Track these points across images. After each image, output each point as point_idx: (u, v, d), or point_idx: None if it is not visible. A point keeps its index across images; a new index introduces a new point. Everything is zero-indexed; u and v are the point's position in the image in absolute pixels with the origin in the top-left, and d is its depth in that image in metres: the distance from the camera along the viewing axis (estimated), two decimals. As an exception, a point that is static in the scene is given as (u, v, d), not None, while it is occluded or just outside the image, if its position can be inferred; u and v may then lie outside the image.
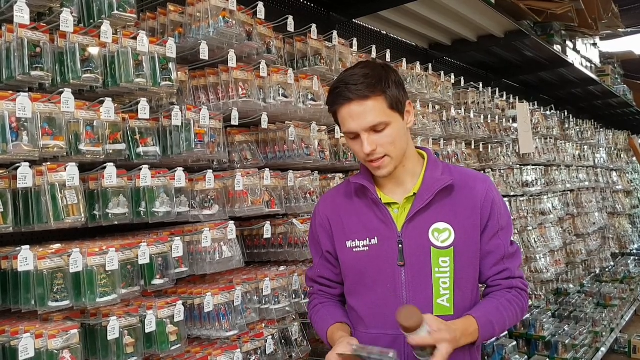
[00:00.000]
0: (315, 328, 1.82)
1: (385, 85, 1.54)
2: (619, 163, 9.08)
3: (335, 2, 3.80)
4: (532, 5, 4.90)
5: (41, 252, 1.69)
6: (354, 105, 1.53)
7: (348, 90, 1.53)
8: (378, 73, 1.56)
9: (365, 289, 1.66)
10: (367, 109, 1.53)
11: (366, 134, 1.54)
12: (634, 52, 9.31)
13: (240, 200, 2.25)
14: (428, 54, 5.22)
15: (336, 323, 1.71)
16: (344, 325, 1.71)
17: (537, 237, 5.19)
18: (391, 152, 1.57)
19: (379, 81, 1.54)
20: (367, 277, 1.65)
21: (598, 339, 5.76)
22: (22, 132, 1.63)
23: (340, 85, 1.56)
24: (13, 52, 1.68)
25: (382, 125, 1.54)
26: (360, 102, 1.53)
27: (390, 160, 1.58)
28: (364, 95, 1.52)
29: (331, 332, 1.69)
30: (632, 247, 9.25)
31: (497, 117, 4.86)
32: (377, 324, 1.64)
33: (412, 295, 1.58)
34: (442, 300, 1.59)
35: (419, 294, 1.58)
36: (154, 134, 2.06)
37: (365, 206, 1.68)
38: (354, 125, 1.55)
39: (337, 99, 1.57)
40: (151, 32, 2.38)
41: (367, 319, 1.66)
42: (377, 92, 1.53)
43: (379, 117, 1.53)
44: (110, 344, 1.77)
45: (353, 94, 1.52)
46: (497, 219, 1.66)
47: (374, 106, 1.53)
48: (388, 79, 1.56)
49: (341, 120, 1.60)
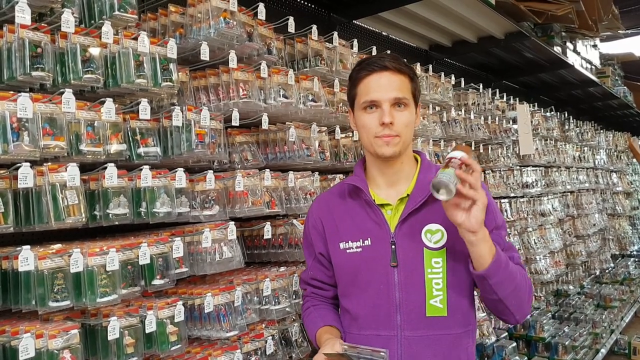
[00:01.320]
0: (306, 330, 1.83)
1: (413, 72, 1.65)
2: (619, 164, 9.08)
3: (336, 3, 3.80)
4: (532, 7, 4.90)
5: (42, 252, 1.69)
6: (387, 74, 1.59)
7: (384, 61, 1.60)
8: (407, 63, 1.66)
9: (359, 290, 1.66)
10: (397, 81, 1.59)
11: (389, 105, 1.57)
12: (634, 54, 9.32)
13: (240, 201, 2.25)
14: (428, 55, 5.22)
15: (325, 326, 1.71)
16: (333, 329, 1.71)
17: (537, 239, 5.20)
18: (403, 133, 1.60)
19: (410, 67, 1.65)
20: (360, 278, 1.64)
21: (598, 340, 5.76)
22: (23, 132, 1.63)
23: (373, 58, 1.64)
24: (14, 53, 1.68)
25: (405, 102, 1.59)
26: (394, 73, 1.59)
27: (399, 140, 1.60)
28: (398, 67, 1.60)
29: (319, 334, 1.69)
30: (632, 248, 9.25)
31: (497, 118, 4.86)
32: (370, 325, 1.63)
33: (405, 295, 1.58)
34: (435, 301, 1.59)
35: (412, 295, 1.58)
36: (155, 134, 2.07)
37: (359, 207, 1.68)
38: (379, 94, 1.58)
39: (369, 65, 1.61)
40: (152, 33, 2.38)
41: (361, 320, 1.66)
42: (408, 71, 1.63)
43: (404, 93, 1.60)
44: (111, 344, 1.77)
45: (390, 64, 1.59)
46: (492, 218, 1.65)
47: (403, 82, 1.60)
48: (414, 71, 1.67)
49: (365, 89, 1.61)
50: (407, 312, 1.57)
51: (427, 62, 4.82)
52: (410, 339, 1.58)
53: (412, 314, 1.57)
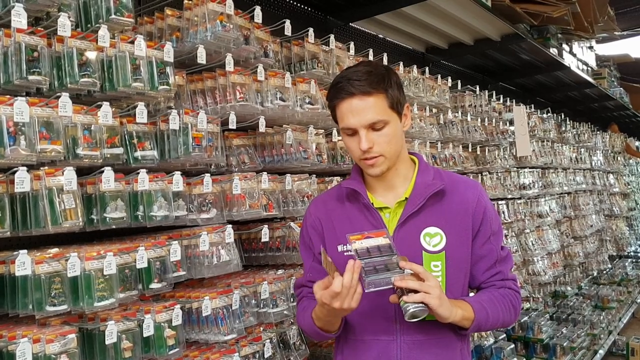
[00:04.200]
0: (301, 324, 1.75)
1: (387, 84, 1.56)
2: (616, 165, 9.11)
3: (332, 6, 3.81)
4: (528, 9, 4.91)
5: (39, 256, 1.69)
6: (356, 100, 1.54)
7: (351, 85, 1.54)
8: (381, 72, 1.57)
9: None
10: (368, 105, 1.53)
11: (365, 130, 1.54)
12: (630, 55, 9.35)
13: (238, 204, 2.25)
14: (425, 58, 5.23)
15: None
16: None
17: (535, 240, 5.20)
18: (386, 152, 1.57)
19: (382, 79, 1.55)
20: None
21: (596, 341, 5.76)
22: (20, 136, 1.63)
23: (342, 80, 1.57)
24: (10, 57, 1.68)
25: (381, 123, 1.55)
26: (362, 98, 1.53)
27: (384, 160, 1.58)
28: (366, 91, 1.53)
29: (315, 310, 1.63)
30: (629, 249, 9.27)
31: (494, 120, 4.87)
32: (368, 330, 1.62)
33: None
34: None
35: None
36: (152, 137, 2.06)
37: (357, 210, 1.67)
38: (353, 120, 1.55)
39: (338, 93, 1.57)
40: (149, 37, 2.38)
41: (358, 325, 1.65)
42: (379, 89, 1.54)
43: (379, 115, 1.54)
44: (108, 349, 1.77)
45: (356, 89, 1.53)
46: (489, 225, 1.66)
47: (375, 103, 1.54)
48: (390, 79, 1.58)
49: (340, 116, 1.59)
50: None
51: (424, 65, 4.83)
52: (409, 343, 1.58)
53: None
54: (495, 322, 1.62)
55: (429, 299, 1.40)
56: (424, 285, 1.41)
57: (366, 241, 1.48)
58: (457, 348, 1.63)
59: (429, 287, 1.41)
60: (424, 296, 1.40)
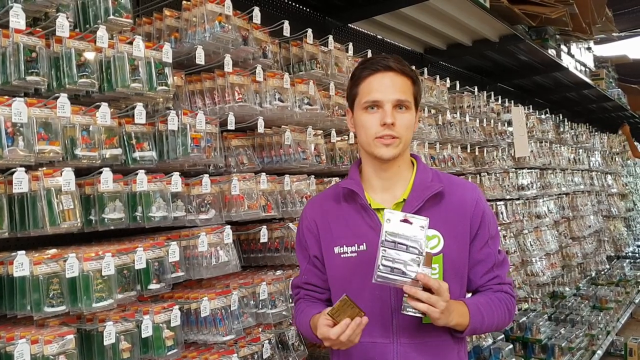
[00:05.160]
0: (299, 326, 1.76)
1: (416, 77, 1.65)
2: (614, 166, 9.13)
3: (331, 7, 3.81)
4: (527, 10, 4.92)
5: (37, 257, 1.69)
6: (391, 74, 1.58)
7: (388, 61, 1.59)
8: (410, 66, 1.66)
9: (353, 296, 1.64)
10: (401, 82, 1.59)
11: (390, 106, 1.57)
12: (627, 56, 9.37)
13: (236, 205, 2.25)
14: (423, 58, 5.24)
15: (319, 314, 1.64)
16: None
17: (533, 241, 5.21)
18: (403, 136, 1.59)
19: (413, 70, 1.65)
20: (354, 284, 1.60)
21: (594, 341, 5.77)
22: (18, 137, 1.63)
23: (377, 58, 1.63)
24: (9, 57, 1.68)
25: (407, 104, 1.59)
26: (398, 75, 1.59)
27: (399, 143, 1.59)
28: (403, 70, 1.59)
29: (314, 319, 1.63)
30: (627, 249, 9.28)
31: (492, 120, 4.88)
32: (365, 332, 1.60)
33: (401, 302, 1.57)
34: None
35: None
36: (150, 138, 2.06)
37: (354, 211, 1.66)
38: (381, 94, 1.57)
39: (373, 65, 1.60)
40: (147, 37, 2.38)
41: None
42: (411, 74, 1.62)
43: (407, 95, 1.59)
44: (107, 349, 1.76)
45: (394, 65, 1.58)
46: (487, 228, 1.66)
47: (406, 84, 1.60)
48: (417, 75, 1.66)
49: (367, 89, 1.60)
50: (403, 319, 1.55)
51: (422, 65, 4.83)
52: (406, 346, 1.57)
53: (408, 320, 1.56)
54: (490, 326, 1.63)
55: (431, 311, 1.42)
56: (431, 298, 1.42)
57: (401, 227, 1.45)
58: (454, 350, 1.63)
59: (436, 301, 1.42)
60: (428, 308, 1.42)
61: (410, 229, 1.45)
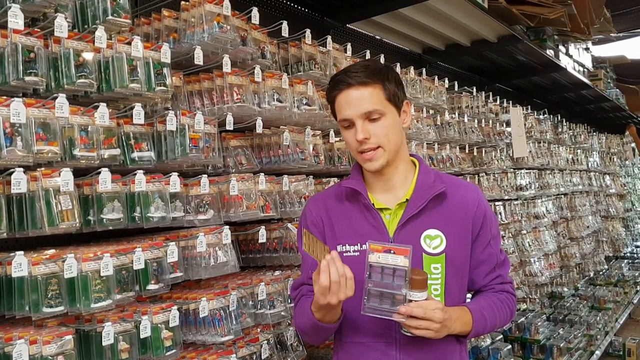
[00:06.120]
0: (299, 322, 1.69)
1: (384, 77, 1.59)
2: (612, 167, 9.13)
3: (330, 7, 3.81)
4: (525, 10, 4.93)
5: (35, 257, 1.69)
6: (352, 90, 1.56)
7: (348, 77, 1.57)
8: (378, 66, 1.62)
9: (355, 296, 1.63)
10: (364, 95, 1.56)
11: (361, 121, 1.56)
12: (626, 57, 9.38)
13: (235, 205, 2.25)
14: (422, 59, 5.24)
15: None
16: None
17: (531, 241, 5.21)
18: (384, 144, 1.58)
19: (379, 72, 1.59)
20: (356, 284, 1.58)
21: (593, 342, 5.78)
22: (16, 137, 1.63)
23: (340, 73, 1.61)
24: (7, 58, 1.68)
25: (377, 113, 1.56)
26: (359, 88, 1.56)
27: (382, 152, 1.58)
28: (363, 81, 1.56)
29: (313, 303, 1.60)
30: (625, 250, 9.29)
31: (490, 121, 4.88)
32: (368, 331, 1.61)
33: None
34: None
35: None
36: (149, 139, 2.06)
37: (357, 211, 1.66)
38: (349, 111, 1.56)
39: (336, 84, 1.60)
40: (145, 38, 2.38)
41: (358, 326, 1.63)
42: (376, 80, 1.57)
43: (375, 105, 1.56)
44: (105, 350, 1.76)
45: (353, 80, 1.56)
46: (489, 229, 1.68)
47: (371, 93, 1.56)
48: (388, 73, 1.61)
49: (338, 108, 1.61)
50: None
51: (421, 66, 4.83)
52: (408, 346, 1.57)
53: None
54: (492, 328, 1.67)
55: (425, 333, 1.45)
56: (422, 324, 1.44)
57: (385, 256, 1.46)
58: (457, 350, 1.64)
59: (428, 325, 1.44)
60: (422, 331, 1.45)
61: (394, 257, 1.46)
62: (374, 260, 1.46)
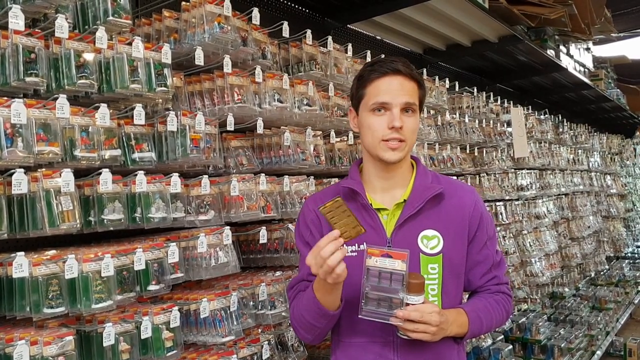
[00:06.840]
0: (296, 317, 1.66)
1: (422, 81, 1.65)
2: (613, 167, 9.13)
3: (330, 7, 3.81)
4: (526, 11, 4.93)
5: (36, 258, 1.68)
6: (399, 77, 1.58)
7: (397, 64, 1.59)
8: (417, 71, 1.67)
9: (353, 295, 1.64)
10: (408, 86, 1.59)
11: (398, 109, 1.57)
12: (626, 57, 9.38)
13: (236, 206, 2.25)
14: (422, 59, 5.24)
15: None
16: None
17: (532, 241, 5.21)
18: (408, 139, 1.60)
19: (419, 74, 1.65)
20: (354, 284, 1.58)
21: (594, 342, 5.77)
22: (17, 138, 1.63)
23: (385, 60, 1.63)
24: (8, 58, 1.68)
25: (414, 108, 1.60)
26: (406, 78, 1.59)
27: (405, 146, 1.60)
28: (410, 73, 1.60)
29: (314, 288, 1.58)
30: (626, 250, 9.29)
31: (491, 121, 4.88)
32: (365, 331, 1.61)
33: None
34: None
35: None
36: (150, 139, 2.06)
37: (355, 211, 1.63)
38: (390, 97, 1.57)
39: (383, 67, 1.60)
40: (146, 38, 2.38)
41: (355, 326, 1.63)
42: (419, 80, 1.63)
43: (414, 99, 1.60)
44: (106, 351, 1.76)
45: (403, 69, 1.58)
46: (485, 230, 1.68)
47: (413, 88, 1.61)
48: (422, 79, 1.66)
49: (374, 91, 1.60)
50: None
51: (422, 66, 4.84)
52: (406, 345, 1.57)
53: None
54: (488, 329, 1.68)
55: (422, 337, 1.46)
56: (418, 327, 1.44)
57: (382, 261, 1.46)
58: (454, 350, 1.65)
59: (424, 328, 1.44)
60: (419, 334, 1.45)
61: (391, 262, 1.46)
62: (372, 264, 1.46)
